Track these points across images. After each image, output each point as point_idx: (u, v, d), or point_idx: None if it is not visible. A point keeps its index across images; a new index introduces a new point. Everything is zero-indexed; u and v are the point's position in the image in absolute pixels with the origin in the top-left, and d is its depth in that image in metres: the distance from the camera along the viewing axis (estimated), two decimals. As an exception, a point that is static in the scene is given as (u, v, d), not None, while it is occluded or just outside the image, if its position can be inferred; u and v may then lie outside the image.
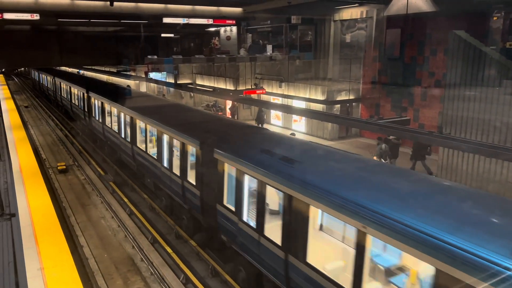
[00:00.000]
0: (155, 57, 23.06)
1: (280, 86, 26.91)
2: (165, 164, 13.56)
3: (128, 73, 32.88)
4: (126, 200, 15.73)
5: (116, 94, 20.24)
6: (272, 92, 27.59)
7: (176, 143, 12.67)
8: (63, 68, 42.74)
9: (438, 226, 5.35)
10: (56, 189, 17.25)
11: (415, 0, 19.96)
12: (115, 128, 19.02)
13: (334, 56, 27.23)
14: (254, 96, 25.84)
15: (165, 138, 13.43)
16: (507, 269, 4.45)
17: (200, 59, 24.68)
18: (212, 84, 31.94)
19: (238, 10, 23.29)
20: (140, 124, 16.02)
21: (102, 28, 31.41)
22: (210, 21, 23.54)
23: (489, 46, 15.65)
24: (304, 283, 7.48)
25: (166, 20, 21.81)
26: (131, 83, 34.89)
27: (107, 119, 20.07)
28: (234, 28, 27.61)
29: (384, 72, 23.08)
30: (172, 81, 33.89)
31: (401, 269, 7.08)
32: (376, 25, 23.37)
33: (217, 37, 29.83)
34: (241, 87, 28.57)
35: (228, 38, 28.15)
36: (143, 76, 31.19)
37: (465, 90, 12.95)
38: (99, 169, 19.52)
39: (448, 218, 5.59)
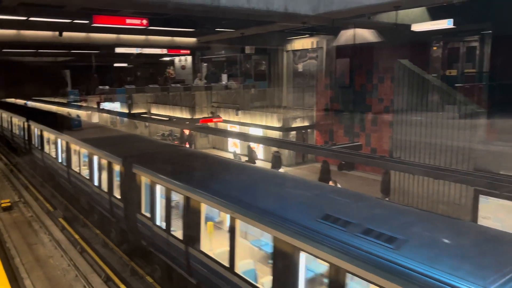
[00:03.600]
0: (107, 87, 22.68)
1: (237, 114, 27.12)
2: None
3: (79, 103, 32.08)
4: (77, 236, 14.96)
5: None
6: (229, 120, 27.72)
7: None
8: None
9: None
10: (-1, 229, 16.14)
11: (362, 31, 21.06)
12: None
13: (288, 85, 27.91)
14: (211, 124, 25.88)
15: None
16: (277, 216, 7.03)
17: (154, 88, 24.54)
18: (168, 113, 31.63)
19: (192, 40, 23.47)
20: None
21: (52, 58, 30.60)
22: (164, 51, 23.55)
23: (431, 73, 16.64)
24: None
25: (118, 50, 21.59)
26: (82, 113, 33.86)
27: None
28: (189, 58, 27.77)
29: (336, 100, 23.88)
30: (126, 111, 33.23)
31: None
32: (326, 55, 24.31)
33: (172, 67, 29.81)
34: (197, 116, 28.50)
35: (183, 67, 28.24)
36: (95, 106, 30.38)
37: (412, 116, 13.61)
38: (47, 205, 18.54)
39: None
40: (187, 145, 27.90)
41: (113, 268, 12.62)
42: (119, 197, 13.07)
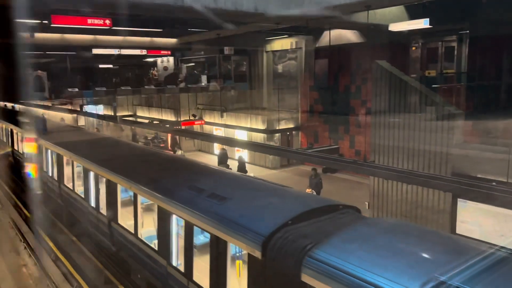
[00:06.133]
0: (76, 89, 22.63)
1: (222, 116, 26.81)
2: None
3: (63, 106, 31.62)
4: (51, 244, 14.60)
5: None
6: (214, 122, 27.38)
7: None
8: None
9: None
10: (-28, 237, 15.78)
11: (345, 32, 20.82)
12: None
13: (268, 86, 27.49)
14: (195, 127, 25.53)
15: None
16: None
17: (126, 91, 24.55)
18: (152, 116, 31.21)
19: (172, 41, 23.06)
20: None
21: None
22: (144, 52, 23.15)
23: (411, 74, 16.41)
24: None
25: (95, 51, 21.19)
26: (67, 116, 33.35)
27: None
28: (171, 59, 27.41)
29: (319, 101, 23.61)
30: (111, 113, 32.75)
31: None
32: (306, 56, 23.95)
33: (155, 68, 29.44)
34: (183, 118, 28.13)
35: (166, 68, 27.88)
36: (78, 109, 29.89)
37: (390, 118, 13.34)
38: (25, 211, 18.14)
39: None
40: (170, 150, 27.51)
41: (86, 277, 12.30)
42: None
